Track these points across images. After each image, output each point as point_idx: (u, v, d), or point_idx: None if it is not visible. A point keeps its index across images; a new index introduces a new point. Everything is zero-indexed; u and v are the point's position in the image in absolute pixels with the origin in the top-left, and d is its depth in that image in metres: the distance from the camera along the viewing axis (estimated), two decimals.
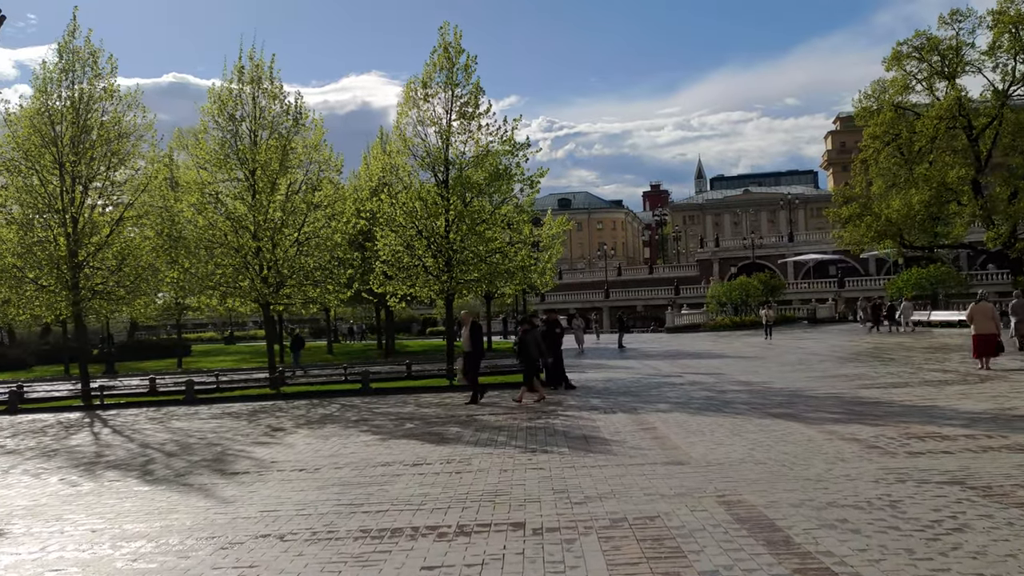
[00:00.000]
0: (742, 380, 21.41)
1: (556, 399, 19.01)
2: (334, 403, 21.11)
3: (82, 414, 21.67)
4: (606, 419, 14.74)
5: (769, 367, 25.26)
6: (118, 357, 54.91)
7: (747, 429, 12.58)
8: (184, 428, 16.78)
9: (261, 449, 13.04)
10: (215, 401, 22.95)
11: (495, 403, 18.65)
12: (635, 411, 15.75)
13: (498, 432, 13.67)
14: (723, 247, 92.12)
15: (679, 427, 13.20)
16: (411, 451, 12.03)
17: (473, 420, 15.61)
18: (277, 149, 25.82)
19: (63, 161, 25.32)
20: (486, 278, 27.07)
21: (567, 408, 17.00)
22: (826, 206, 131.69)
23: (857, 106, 54.87)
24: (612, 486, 8.78)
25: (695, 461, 10.08)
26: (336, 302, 28.02)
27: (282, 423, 16.78)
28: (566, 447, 11.68)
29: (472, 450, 11.81)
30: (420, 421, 15.94)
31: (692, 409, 15.61)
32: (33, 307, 26.08)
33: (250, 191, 25.95)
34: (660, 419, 14.35)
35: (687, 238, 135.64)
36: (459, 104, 26.41)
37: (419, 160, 26.54)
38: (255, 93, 25.98)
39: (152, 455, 13.07)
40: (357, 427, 15.53)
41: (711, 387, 19.92)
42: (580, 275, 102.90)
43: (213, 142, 25.72)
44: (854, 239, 51.07)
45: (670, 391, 19.55)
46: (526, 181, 26.61)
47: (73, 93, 25.68)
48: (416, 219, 26.18)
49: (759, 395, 17.58)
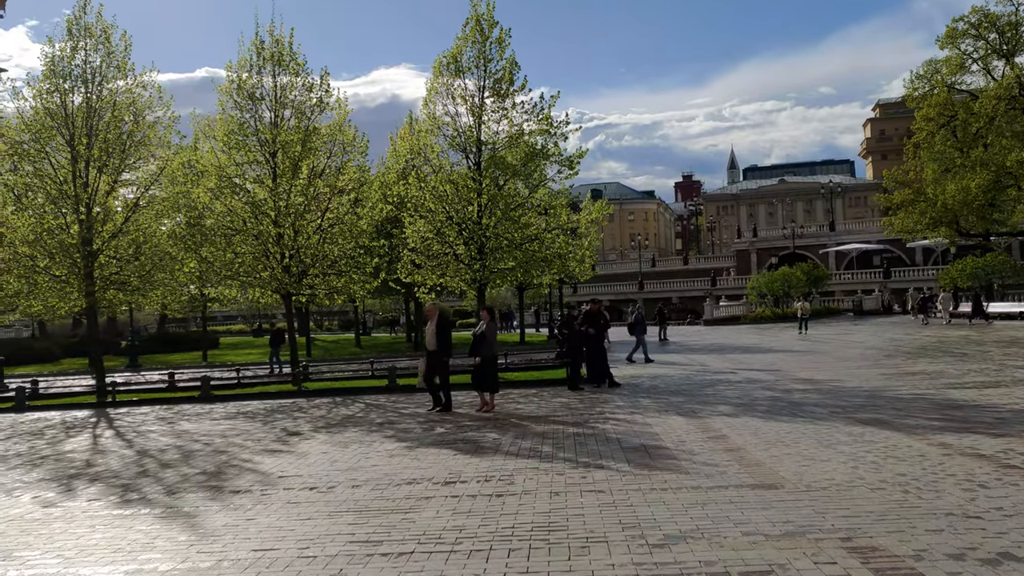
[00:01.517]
0: (804, 378, 19.44)
1: (603, 399, 17.18)
2: (358, 402, 19.45)
3: (91, 412, 20.20)
4: (663, 424, 12.89)
5: (830, 363, 23.23)
6: (147, 350, 53.99)
7: (837, 440, 10.67)
8: (191, 431, 15.17)
9: (270, 459, 11.35)
10: (232, 399, 21.38)
11: (528, 402, 16.87)
12: (695, 414, 13.88)
13: (542, 440, 11.87)
14: (761, 237, 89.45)
15: (753, 436, 11.32)
16: (442, 464, 10.27)
17: (511, 424, 13.83)
18: (299, 130, 24.18)
19: (75, 143, 23.90)
20: (521, 267, 25.30)
21: (615, 409, 15.17)
22: (865, 195, 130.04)
23: (908, 87, 52.32)
24: (696, 519, 6.95)
25: (790, 483, 8.21)
26: (362, 293, 26.31)
27: (299, 426, 15.12)
28: (624, 461, 9.86)
29: (514, 463, 10.03)
30: (452, 424, 14.19)
31: (760, 413, 13.71)
32: (46, 298, 24.70)
33: (271, 175, 24.36)
34: (727, 425, 12.48)
35: (721, 229, 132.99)
36: (492, 81, 24.64)
37: (449, 140, 24.81)
38: (276, 71, 24.33)
39: (147, 465, 11.44)
40: (381, 431, 13.81)
41: (773, 386, 17.98)
42: (612, 266, 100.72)
43: (232, 123, 24.10)
44: (906, 226, 48.52)
45: (727, 390, 17.64)
46: (564, 162, 24.76)
47: (84, 71, 24.26)
48: (447, 204, 24.47)
49: (832, 396, 15.62)
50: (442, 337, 16.38)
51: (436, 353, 16.37)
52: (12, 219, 23.75)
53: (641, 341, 27.11)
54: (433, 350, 16.42)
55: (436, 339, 16.43)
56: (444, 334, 16.42)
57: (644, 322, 28.29)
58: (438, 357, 16.40)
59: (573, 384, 19.53)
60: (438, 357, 16.40)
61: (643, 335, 27.43)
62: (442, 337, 16.38)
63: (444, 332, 16.43)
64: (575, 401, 16.98)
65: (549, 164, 24.93)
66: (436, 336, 16.41)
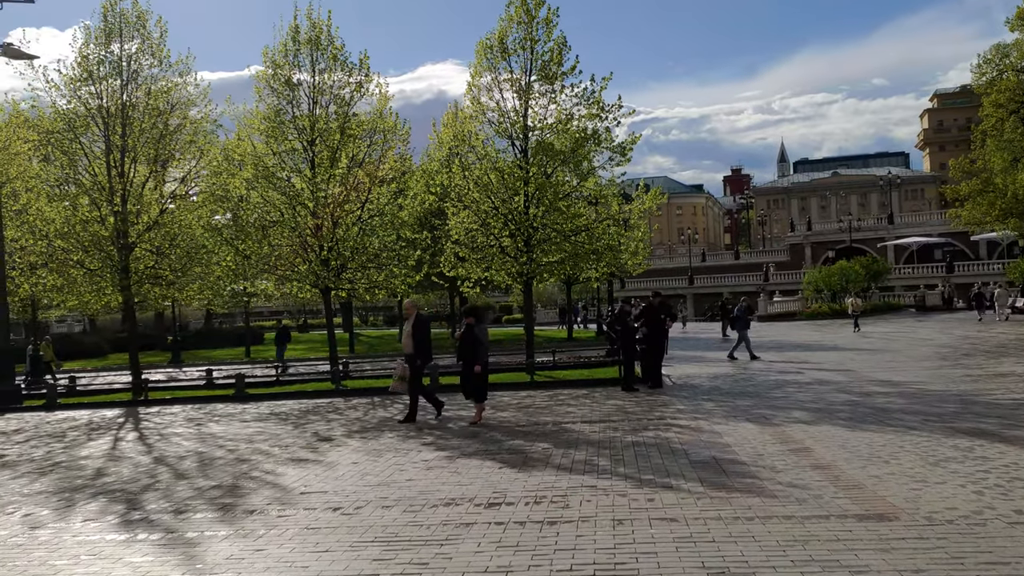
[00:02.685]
0: (881, 379, 17.82)
1: (661, 401, 15.79)
2: (397, 402, 18.27)
3: (121, 412, 19.37)
4: (734, 432, 11.49)
5: (905, 363, 21.52)
6: (192, 345, 53.75)
7: (943, 455, 9.19)
8: (218, 434, 14.14)
9: (294, 470, 10.20)
10: (267, 398, 20.39)
11: (580, 404, 15.54)
12: (767, 421, 12.44)
13: (598, 450, 10.55)
14: (816, 230, 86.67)
15: (842, 449, 9.87)
16: (485, 479, 9.01)
17: (562, 430, 12.53)
18: (338, 116, 23.12)
19: (109, 133, 23.13)
20: (569, 260, 23.90)
21: (677, 414, 13.79)
22: (922, 187, 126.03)
23: (975, 72, 49.86)
24: (799, 564, 5.59)
25: (905, 514, 6.79)
26: (404, 287, 25.19)
27: (332, 430, 13.99)
28: (696, 479, 8.50)
29: (567, 480, 8.73)
30: (497, 431, 12.93)
31: (843, 420, 12.22)
32: (81, 293, 24.01)
33: (309, 164, 23.35)
34: (807, 434, 11.03)
35: (771, 223, 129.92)
36: (539, 63, 23.25)
37: (494, 127, 23.50)
38: (313, 55, 23.27)
39: (160, 476, 10.36)
40: (419, 437, 12.61)
41: (848, 388, 16.41)
42: (660, 261, 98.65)
43: (268, 109, 23.11)
44: (974, 218, 46.08)
45: (798, 392, 16.12)
46: (616, 149, 23.30)
47: (120, 59, 23.47)
48: (492, 193, 23.18)
49: (919, 401, 14.04)
50: (420, 340, 14.53)
51: (413, 358, 14.51)
52: (47, 210, 23.06)
53: (744, 337, 25.46)
54: (411, 353, 14.52)
55: (413, 341, 14.48)
56: (423, 336, 14.60)
57: (748, 316, 26.50)
58: (417, 362, 14.58)
59: (627, 385, 18.17)
60: (417, 362, 14.58)
61: (746, 330, 25.80)
62: (420, 340, 14.53)
63: (423, 334, 14.61)
64: (630, 404, 15.62)
65: (599, 151, 23.49)
66: (413, 338, 14.49)
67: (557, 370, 23.80)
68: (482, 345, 14.35)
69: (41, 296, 25.23)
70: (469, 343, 14.28)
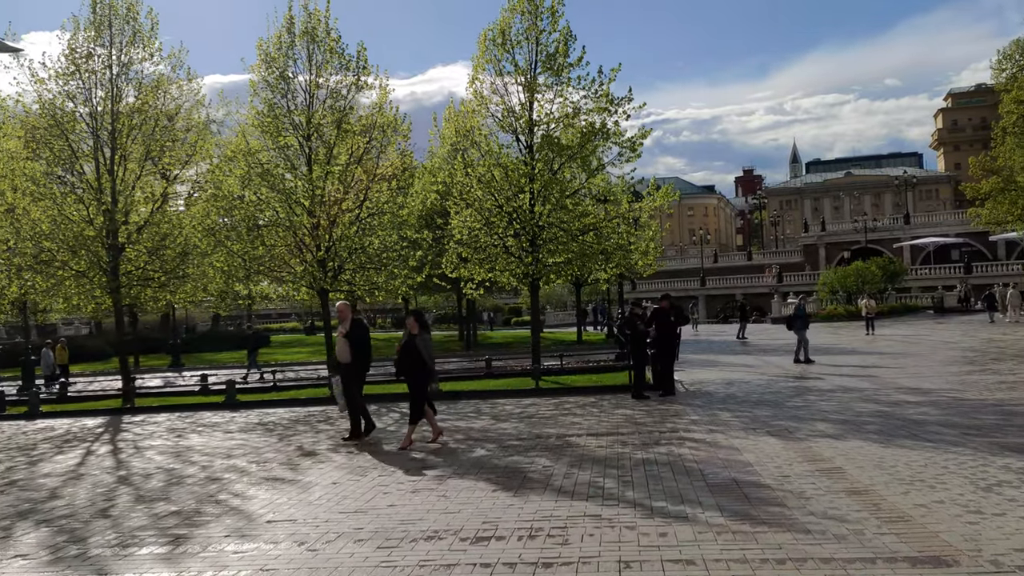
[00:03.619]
0: (909, 386, 16.69)
1: (673, 411, 14.72)
2: (395, 410, 17.29)
3: (104, 420, 18.45)
4: (754, 448, 10.42)
5: (931, 367, 20.36)
6: (197, 348, 52.94)
7: (995, 478, 8.10)
8: (196, 447, 13.16)
9: (266, 492, 9.19)
10: (259, 405, 19.42)
11: (587, 413, 14.48)
12: (790, 435, 11.35)
13: (604, 469, 9.50)
14: (830, 231, 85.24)
15: (878, 469, 8.79)
16: (476, 506, 7.97)
17: (566, 445, 11.48)
18: (335, 110, 22.14)
19: (97, 129, 22.22)
20: (576, 260, 22.82)
21: (691, 426, 12.71)
22: (937, 187, 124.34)
23: (995, 68, 48.72)
24: None
25: (966, 556, 5.72)
26: (405, 289, 24.22)
27: (318, 443, 12.99)
28: (715, 507, 7.44)
29: (568, 508, 7.69)
30: (495, 444, 11.89)
31: (874, 434, 11.12)
32: (70, 296, 23.11)
33: (305, 161, 22.39)
34: (837, 451, 9.95)
35: (784, 223, 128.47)
36: (544, 55, 22.22)
37: (498, 121, 22.47)
38: (310, 47, 22.30)
39: (118, 499, 9.37)
40: (408, 452, 11.58)
41: (874, 396, 15.28)
42: (672, 263, 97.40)
43: (262, 104, 22.15)
44: (995, 217, 44.77)
45: (821, 401, 15.02)
46: (625, 144, 22.21)
47: (109, 52, 22.57)
48: (496, 191, 22.16)
49: (955, 411, 12.92)
50: (358, 346, 12.77)
51: (350, 367, 12.80)
52: (32, 210, 22.16)
53: (804, 339, 23.75)
54: (347, 363, 12.79)
55: (350, 349, 12.70)
56: (361, 342, 12.81)
57: (807, 316, 24.78)
58: (353, 371, 12.83)
59: (638, 392, 17.10)
60: (353, 371, 12.83)
61: (805, 330, 24.06)
62: (358, 346, 12.77)
63: (360, 340, 12.83)
64: (641, 413, 14.55)
65: (608, 146, 22.44)
66: (350, 345, 12.70)
67: (565, 375, 22.79)
68: (427, 358, 12.23)
69: (30, 298, 24.23)
70: (411, 355, 12.13)
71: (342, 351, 12.85)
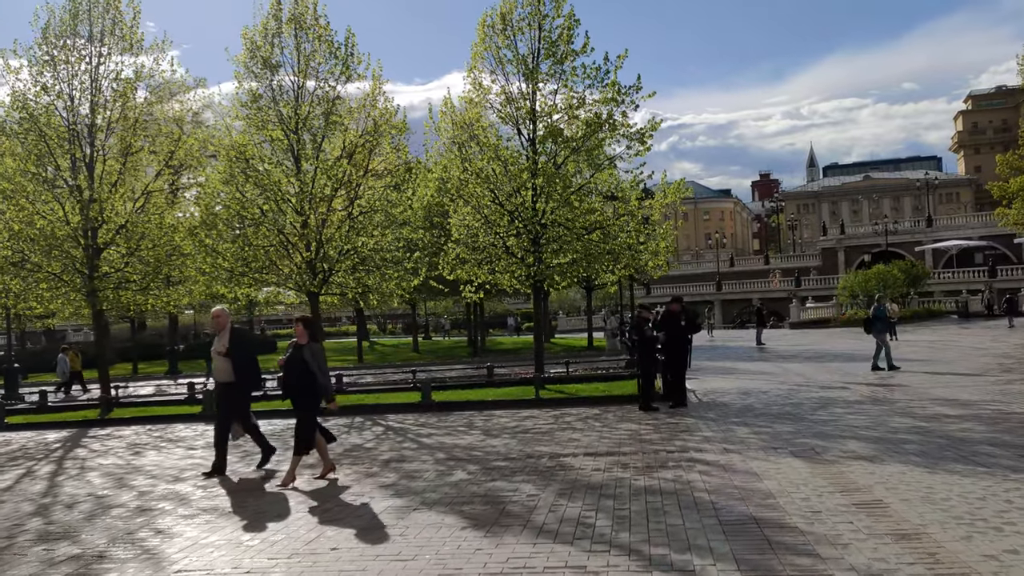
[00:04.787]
0: (945, 397, 15.10)
1: (683, 425, 13.21)
2: (380, 423, 15.88)
3: (68, 433, 17.14)
4: (775, 472, 8.92)
5: (964, 376, 18.78)
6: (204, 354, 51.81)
7: None
8: (147, 467, 11.79)
9: (195, 529, 7.78)
10: None
11: (587, 427, 13.00)
12: (817, 456, 9.82)
13: (597, 500, 8.03)
14: (849, 234, 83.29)
15: (927, 502, 7.27)
16: (436, 551, 6.52)
17: (559, 467, 10.01)
18: (323, 100, 20.79)
19: (72, 125, 20.98)
20: (582, 261, 21.33)
21: (703, 444, 11.21)
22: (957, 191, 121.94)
23: (1022, 64, 46.89)
24: None
25: None
26: (401, 292, 22.83)
27: (282, 463, 11.55)
28: (728, 555, 5.96)
29: (547, 555, 6.23)
30: (478, 465, 10.42)
31: (915, 455, 9.58)
32: (45, 299, 21.86)
33: (292, 156, 21.05)
34: (875, 478, 8.42)
35: (801, 228, 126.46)
36: (547, 43, 20.77)
37: (498, 112, 21.06)
38: (297, 34, 20.96)
39: (20, 535, 7.96)
40: (381, 474, 10.16)
41: (908, 410, 13.71)
42: (688, 267, 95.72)
43: (247, 95, 20.83)
44: (1023, 217, 42.91)
45: (849, 415, 13.46)
46: (634, 136, 20.71)
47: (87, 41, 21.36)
48: (495, 186, 20.73)
49: (1004, 428, 11.35)
50: (241, 361, 10.70)
51: (233, 387, 10.72)
52: (4, 207, 20.93)
53: (884, 343, 21.24)
54: (229, 383, 10.72)
55: (231, 364, 10.62)
56: (244, 356, 10.77)
57: (887, 318, 22.29)
58: (236, 394, 10.76)
59: (646, 404, 15.59)
60: (236, 394, 10.76)
61: (886, 334, 21.65)
62: (241, 361, 10.70)
63: (243, 354, 10.76)
64: (647, 428, 13.06)
65: (615, 139, 20.95)
66: (230, 360, 10.60)
67: (570, 383, 21.27)
68: (319, 372, 9.99)
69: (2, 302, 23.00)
70: (297, 369, 9.92)
71: (221, 369, 10.72)
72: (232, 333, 10.81)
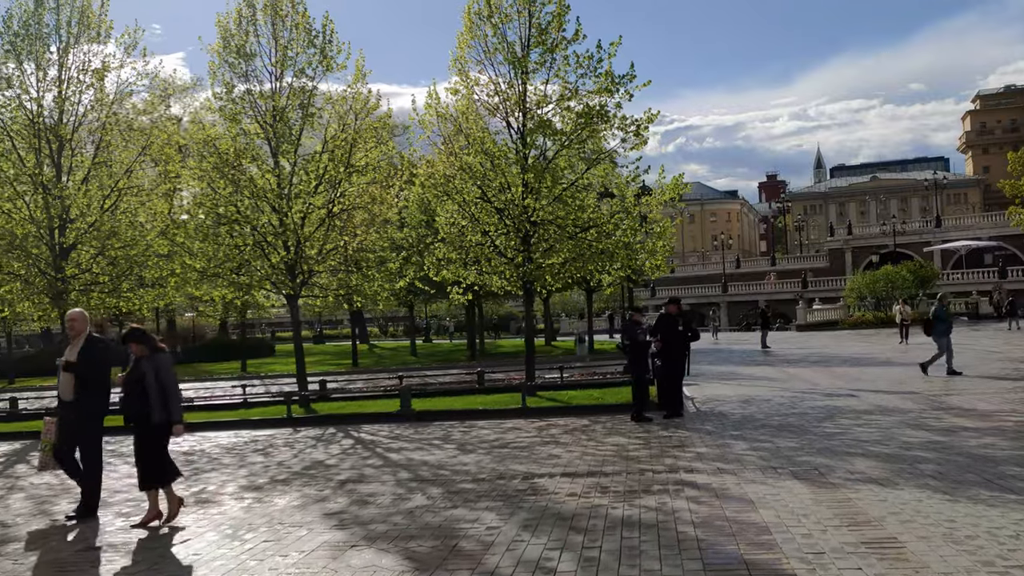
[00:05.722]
0: (962, 407, 13.93)
1: (676, 438, 12.08)
2: (352, 434, 14.78)
3: (13, 447, 16.10)
4: (773, 499, 7.79)
5: (980, 383, 17.54)
6: (197, 358, 50.93)
7: None
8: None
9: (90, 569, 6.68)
10: (205, 427, 16.90)
11: (574, 441, 11.88)
12: (822, 478, 8.68)
13: (566, 535, 6.91)
14: (857, 235, 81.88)
15: (950, 542, 6.13)
16: None
17: (530, 490, 8.89)
18: (301, 92, 19.72)
19: (35, 119, 19.99)
20: (575, 261, 20.19)
21: (695, 461, 10.07)
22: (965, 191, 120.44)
23: None
24: None
25: None
26: (384, 294, 21.75)
27: (226, 484, 10.47)
28: None
29: None
30: (441, 488, 9.31)
31: (931, 477, 8.43)
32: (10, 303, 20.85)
33: (269, 150, 20.00)
34: (887, 507, 7.28)
35: (808, 229, 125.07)
36: (537, 31, 19.66)
37: (485, 103, 19.96)
38: (274, 22, 19.89)
39: None
40: (332, 498, 9.06)
41: (922, 421, 12.54)
42: (693, 269, 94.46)
43: (222, 87, 19.76)
44: None
45: (857, 426, 12.30)
46: (629, 128, 19.58)
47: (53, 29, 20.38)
48: (484, 182, 19.63)
49: None
50: (90, 377, 8.75)
51: (74, 408, 8.77)
52: None
53: (946, 346, 19.36)
54: (69, 402, 8.79)
55: (73, 386, 8.72)
56: (94, 370, 8.79)
57: (949, 319, 20.30)
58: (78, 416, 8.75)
59: (638, 414, 14.46)
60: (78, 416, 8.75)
61: (947, 336, 19.49)
62: (90, 377, 8.75)
63: (95, 367, 8.80)
64: (637, 443, 11.92)
65: (610, 132, 19.82)
66: (76, 375, 8.72)
67: (563, 390, 20.12)
68: (166, 388, 8.35)
69: None
70: (139, 386, 8.28)
71: (65, 385, 8.81)
72: (88, 343, 8.84)
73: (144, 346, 8.41)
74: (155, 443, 8.38)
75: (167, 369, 8.40)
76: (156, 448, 8.39)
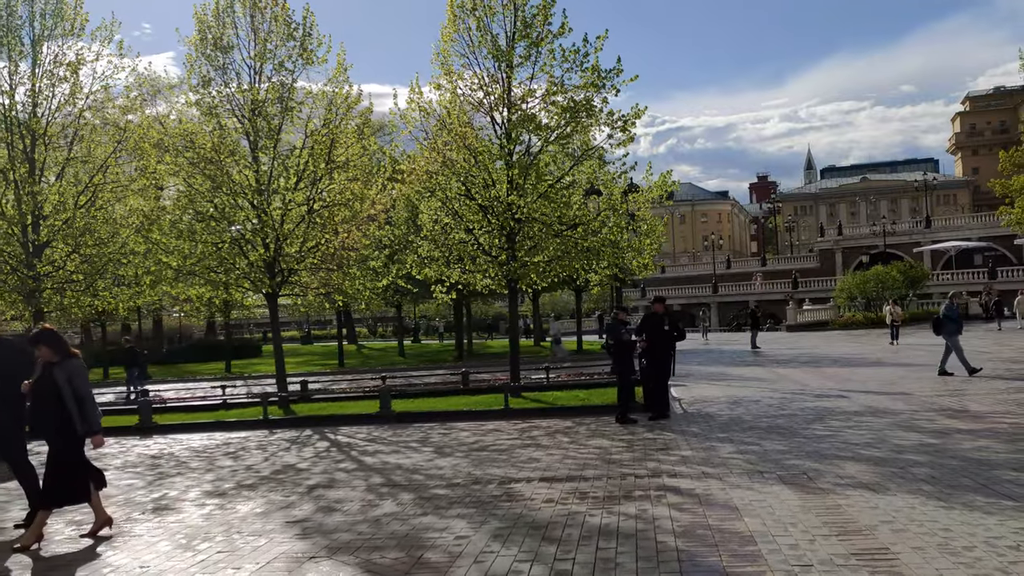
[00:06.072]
0: (953, 408, 13.58)
1: (661, 441, 11.68)
2: (329, 437, 14.34)
3: None
4: (759, 506, 7.39)
5: (972, 384, 17.18)
6: (182, 358, 50.44)
7: None
8: None
9: None
10: (178, 429, 16.48)
11: (555, 444, 11.47)
12: (811, 483, 8.29)
13: (538, 546, 6.50)
14: (847, 235, 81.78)
15: (946, 553, 5.74)
16: None
17: (505, 496, 8.48)
18: (279, 86, 19.26)
19: (7, 114, 19.49)
20: (561, 259, 19.79)
21: (678, 465, 9.68)
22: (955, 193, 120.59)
23: None
24: None
25: None
26: (367, 293, 21.31)
27: (190, 489, 10.04)
28: None
29: None
30: (413, 493, 8.89)
31: (925, 482, 8.05)
32: None
33: (248, 145, 19.53)
34: (877, 514, 6.89)
35: (799, 229, 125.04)
36: (522, 24, 19.25)
37: (469, 98, 19.53)
38: (253, 14, 19.42)
39: None
40: (295, 507, 8.62)
41: (914, 423, 12.17)
42: (684, 269, 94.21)
43: (199, 80, 19.27)
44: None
45: (848, 429, 11.92)
46: (615, 124, 19.19)
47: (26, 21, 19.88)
48: (466, 177, 19.21)
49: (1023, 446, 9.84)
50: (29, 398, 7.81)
51: None
52: None
53: (955, 345, 18.97)
54: None
55: None
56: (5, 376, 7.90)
57: (960, 320, 19.84)
58: None
59: (622, 415, 14.07)
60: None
61: (957, 336, 19.13)
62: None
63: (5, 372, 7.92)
64: (620, 445, 11.52)
65: (596, 127, 19.42)
66: None
67: (548, 391, 19.72)
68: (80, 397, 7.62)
69: None
70: (51, 395, 7.55)
71: None
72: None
73: (54, 351, 7.63)
74: (71, 457, 7.64)
75: (81, 376, 7.66)
76: (71, 463, 7.64)
